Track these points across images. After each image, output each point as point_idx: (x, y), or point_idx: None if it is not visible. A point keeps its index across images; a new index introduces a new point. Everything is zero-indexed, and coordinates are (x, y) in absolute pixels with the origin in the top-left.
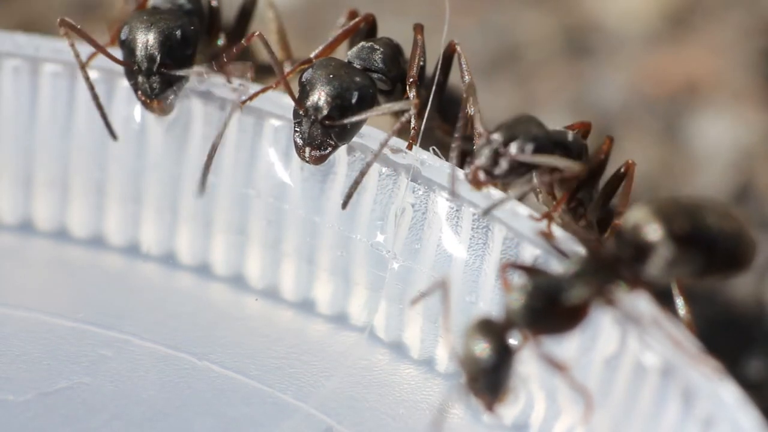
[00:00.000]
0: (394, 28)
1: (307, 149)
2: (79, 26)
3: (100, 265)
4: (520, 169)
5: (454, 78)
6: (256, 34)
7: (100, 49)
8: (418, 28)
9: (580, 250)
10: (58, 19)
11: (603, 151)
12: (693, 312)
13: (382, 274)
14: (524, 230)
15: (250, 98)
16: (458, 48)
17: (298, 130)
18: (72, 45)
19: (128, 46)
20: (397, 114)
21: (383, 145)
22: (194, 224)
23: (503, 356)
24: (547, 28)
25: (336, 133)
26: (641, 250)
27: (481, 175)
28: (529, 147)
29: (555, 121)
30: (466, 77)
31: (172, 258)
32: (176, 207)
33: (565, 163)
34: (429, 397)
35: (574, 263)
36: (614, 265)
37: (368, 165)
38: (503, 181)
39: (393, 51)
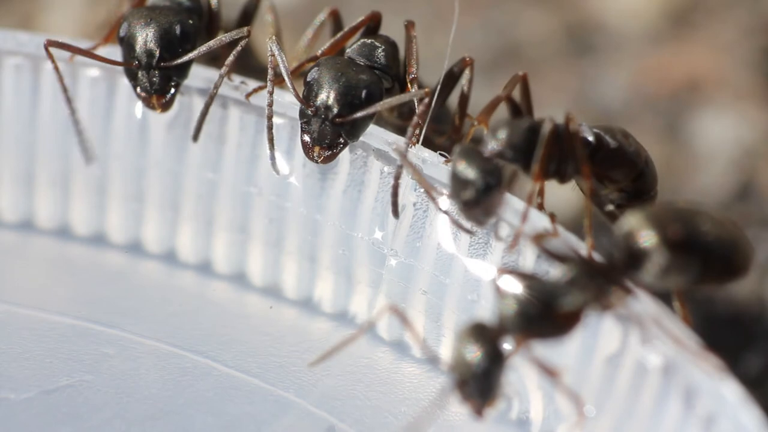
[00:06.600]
0: (395, 28)
1: (317, 149)
2: (66, 42)
3: (101, 263)
4: (357, 128)
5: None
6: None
7: (93, 56)
8: (411, 25)
9: (575, 255)
10: (44, 43)
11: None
12: (694, 310)
13: (383, 272)
14: (526, 229)
15: (253, 91)
16: (470, 62)
17: (306, 129)
18: (56, 68)
19: (127, 43)
20: (395, 110)
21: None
22: (196, 222)
23: (495, 362)
24: (549, 26)
25: (347, 131)
26: (635, 256)
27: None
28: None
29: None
30: (465, 88)
31: (174, 256)
32: (178, 205)
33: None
34: (431, 396)
35: (568, 269)
36: (609, 272)
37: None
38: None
39: (393, 48)
